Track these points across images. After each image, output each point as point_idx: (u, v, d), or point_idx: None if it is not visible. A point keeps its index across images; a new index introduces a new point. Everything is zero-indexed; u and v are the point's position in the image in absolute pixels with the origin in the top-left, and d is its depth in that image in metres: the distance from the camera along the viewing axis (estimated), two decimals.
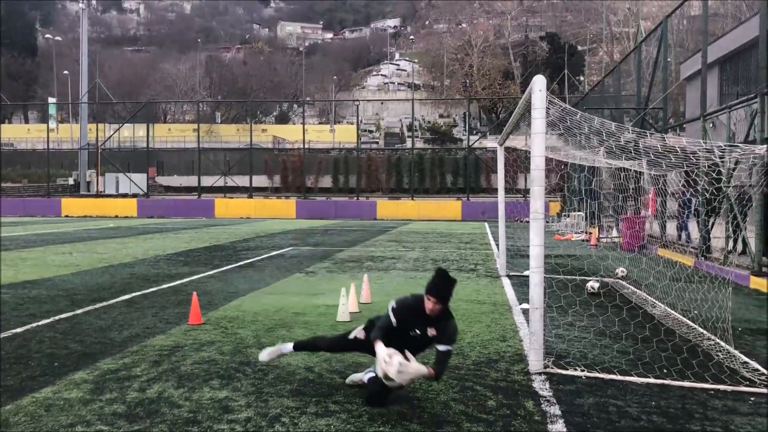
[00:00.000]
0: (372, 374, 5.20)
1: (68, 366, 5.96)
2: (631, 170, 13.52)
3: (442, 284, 4.84)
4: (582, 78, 73.22)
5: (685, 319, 8.10)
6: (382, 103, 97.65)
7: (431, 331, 4.87)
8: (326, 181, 64.27)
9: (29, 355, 6.32)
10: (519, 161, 37.48)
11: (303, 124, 47.10)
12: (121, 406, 4.88)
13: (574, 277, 11.60)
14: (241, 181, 49.48)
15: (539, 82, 5.86)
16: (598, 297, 9.63)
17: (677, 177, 14.56)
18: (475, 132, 71.11)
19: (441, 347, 4.82)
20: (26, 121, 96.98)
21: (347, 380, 5.56)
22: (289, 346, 5.69)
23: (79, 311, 8.58)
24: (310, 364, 6.04)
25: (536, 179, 5.82)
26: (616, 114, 25.60)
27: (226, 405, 4.91)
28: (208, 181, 48.48)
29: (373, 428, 4.46)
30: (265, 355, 5.78)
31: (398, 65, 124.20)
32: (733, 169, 12.89)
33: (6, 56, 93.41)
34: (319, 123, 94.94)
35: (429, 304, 4.80)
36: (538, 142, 5.78)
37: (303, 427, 4.46)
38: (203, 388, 5.31)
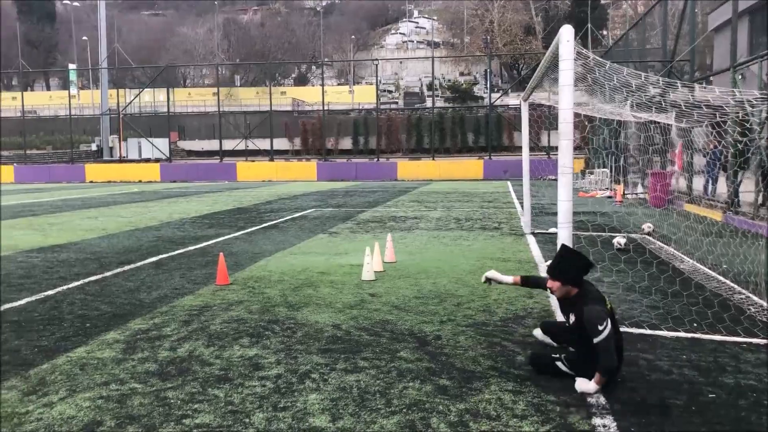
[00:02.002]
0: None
1: (100, 327, 6.04)
2: (660, 123, 13.23)
3: (554, 260, 4.35)
4: (605, 32, 71.55)
5: (714, 274, 7.99)
6: (401, 62, 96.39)
7: (572, 318, 4.38)
8: (346, 143, 64.07)
9: (62, 317, 6.43)
10: (543, 118, 37.03)
11: (322, 85, 46.75)
12: (153, 364, 4.94)
13: (601, 233, 11.48)
14: (262, 144, 49.50)
15: (566, 33, 5.68)
16: (626, 252, 9.52)
17: (706, 130, 14.25)
18: (496, 89, 70.13)
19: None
20: (48, 89, 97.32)
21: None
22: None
23: (107, 274, 8.69)
24: (337, 322, 6.07)
25: (565, 133, 5.69)
26: (641, 68, 25.01)
27: (256, 362, 4.95)
28: (229, 144, 48.62)
29: (403, 384, 4.47)
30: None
31: (417, 23, 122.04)
32: (767, 119, 12.55)
33: (25, 24, 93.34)
34: (338, 84, 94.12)
35: (549, 283, 4.30)
36: (566, 94, 5.64)
37: (333, 383, 4.49)
38: (233, 347, 5.36)
